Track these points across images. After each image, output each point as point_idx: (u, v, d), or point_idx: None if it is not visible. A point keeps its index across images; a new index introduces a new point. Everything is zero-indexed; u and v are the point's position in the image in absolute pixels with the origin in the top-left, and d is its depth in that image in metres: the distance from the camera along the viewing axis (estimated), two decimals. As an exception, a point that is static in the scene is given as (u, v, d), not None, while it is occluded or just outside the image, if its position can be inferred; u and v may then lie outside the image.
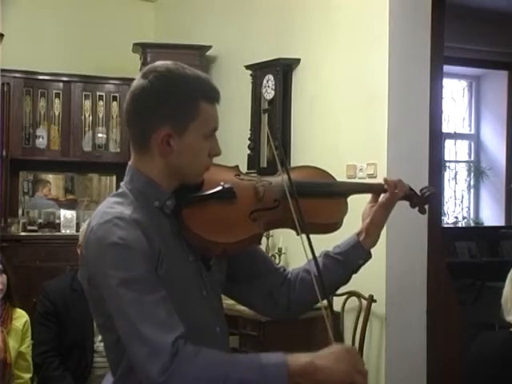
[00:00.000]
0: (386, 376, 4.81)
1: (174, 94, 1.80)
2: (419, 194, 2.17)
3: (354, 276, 2.12)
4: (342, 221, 2.04)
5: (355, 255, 2.05)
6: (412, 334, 4.87)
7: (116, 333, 1.73)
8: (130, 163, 1.89)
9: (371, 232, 2.06)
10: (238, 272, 2.02)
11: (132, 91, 1.84)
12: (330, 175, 2.13)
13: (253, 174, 2.02)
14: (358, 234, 2.06)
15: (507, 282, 2.73)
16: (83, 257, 1.81)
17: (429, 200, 2.17)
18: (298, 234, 1.92)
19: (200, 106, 1.81)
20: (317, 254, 1.93)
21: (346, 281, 2.08)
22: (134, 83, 1.85)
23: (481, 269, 7.05)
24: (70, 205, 6.92)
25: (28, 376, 3.88)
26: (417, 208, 2.19)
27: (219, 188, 1.88)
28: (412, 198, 2.17)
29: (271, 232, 5.11)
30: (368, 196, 2.17)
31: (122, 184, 1.89)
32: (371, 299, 4.71)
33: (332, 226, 2.02)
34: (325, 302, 1.90)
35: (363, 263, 2.06)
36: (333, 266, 2.03)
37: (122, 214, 1.76)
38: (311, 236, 1.86)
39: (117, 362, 1.81)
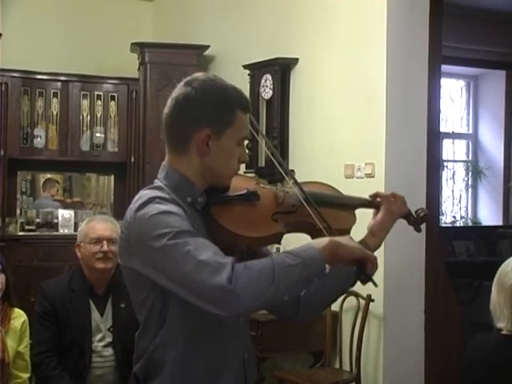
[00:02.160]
0: (384, 376, 4.82)
1: (215, 100, 2.00)
2: (414, 215, 2.36)
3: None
4: (350, 229, 2.20)
5: None
6: (410, 333, 4.88)
7: (159, 305, 1.94)
8: (164, 162, 2.06)
9: (376, 233, 2.22)
10: None
11: (175, 97, 2.02)
12: (338, 191, 2.32)
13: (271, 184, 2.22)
14: (364, 238, 2.22)
15: (493, 288, 2.74)
16: (125, 238, 1.96)
17: (423, 220, 2.36)
18: (312, 238, 2.09)
19: (236, 114, 2.01)
20: None
21: (353, 283, 2.18)
22: (177, 91, 2.03)
23: (479, 268, 7.05)
24: (77, 206, 6.92)
25: (26, 376, 3.85)
26: (413, 227, 2.37)
27: (245, 191, 2.07)
28: (409, 217, 2.34)
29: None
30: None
31: (156, 180, 2.05)
32: (369, 299, 4.72)
33: (342, 232, 2.12)
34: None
35: None
36: (340, 266, 2.11)
37: (161, 195, 1.95)
38: None
39: (154, 335, 1.97)
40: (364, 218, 2.29)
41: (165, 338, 1.97)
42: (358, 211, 2.27)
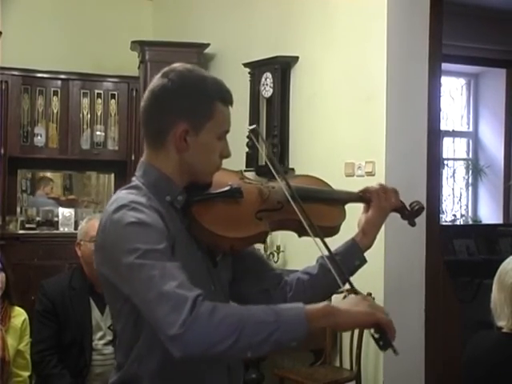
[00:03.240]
0: (385, 374, 4.82)
1: (193, 92, 1.90)
2: (409, 208, 2.24)
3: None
4: (340, 226, 2.11)
5: (352, 255, 2.10)
6: (410, 331, 4.85)
7: (133, 316, 1.81)
8: (142, 159, 1.97)
9: (367, 231, 2.13)
10: (237, 270, 2.07)
11: (151, 90, 1.92)
12: (328, 184, 2.22)
13: (256, 178, 2.09)
14: (355, 237, 2.14)
15: (494, 286, 2.73)
16: (99, 242, 1.87)
17: (418, 214, 2.24)
18: (299, 236, 2.04)
19: (217, 107, 1.91)
20: (313, 261, 2.04)
21: (343, 282, 2.02)
22: (153, 82, 1.93)
23: (479, 267, 7.04)
24: (70, 204, 6.93)
25: (26, 374, 3.86)
26: (407, 221, 2.25)
27: (227, 188, 1.95)
28: (403, 210, 2.23)
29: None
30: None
31: (133, 178, 1.96)
32: (371, 298, 4.71)
33: (331, 230, 2.08)
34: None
35: (359, 265, 2.12)
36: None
37: (138, 199, 1.83)
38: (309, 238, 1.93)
39: (130, 346, 1.87)
40: (354, 213, 2.21)
41: (140, 352, 1.86)
42: (348, 206, 2.18)
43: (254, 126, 2.14)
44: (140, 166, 1.97)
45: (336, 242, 2.10)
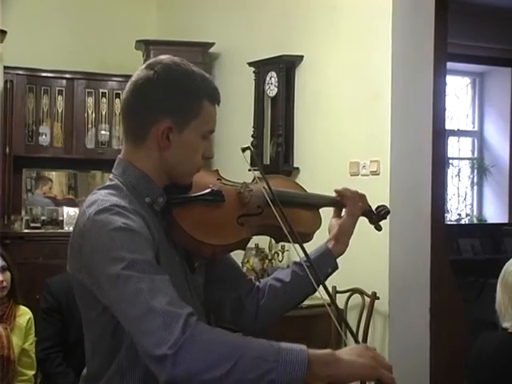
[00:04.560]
0: (390, 373, 4.81)
1: (179, 87, 1.78)
2: (375, 212, 2.20)
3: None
4: (314, 232, 2.06)
5: (324, 262, 2.04)
6: (415, 331, 4.87)
7: (111, 325, 1.69)
8: (120, 155, 1.85)
9: (340, 238, 2.07)
10: (210, 275, 2.00)
11: (134, 81, 1.80)
12: (302, 187, 2.15)
13: (232, 180, 2.02)
14: (327, 243, 2.08)
15: (498, 287, 2.75)
16: (76, 246, 1.72)
17: (384, 217, 2.20)
18: (277, 242, 2.02)
19: (203, 105, 1.79)
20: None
21: (315, 290, 1.98)
22: (137, 73, 1.81)
23: (484, 266, 7.03)
24: (68, 203, 6.94)
25: (32, 373, 3.88)
26: (374, 225, 2.22)
27: (209, 190, 1.87)
28: (370, 215, 2.19)
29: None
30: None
31: (112, 176, 1.83)
32: (374, 296, 4.71)
33: (307, 236, 2.02)
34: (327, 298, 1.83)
35: (331, 272, 2.07)
36: (302, 272, 2.00)
37: (120, 203, 1.70)
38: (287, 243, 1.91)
39: (110, 356, 1.74)
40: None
41: (122, 365, 1.72)
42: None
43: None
44: (118, 163, 1.84)
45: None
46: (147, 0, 7.43)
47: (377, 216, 2.19)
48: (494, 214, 8.93)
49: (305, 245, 1.91)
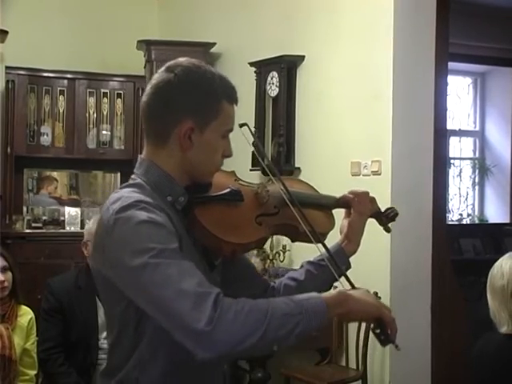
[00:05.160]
0: (391, 373, 4.82)
1: (200, 89, 1.83)
2: (385, 214, 2.26)
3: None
4: (328, 232, 2.11)
5: (338, 261, 2.05)
6: (416, 330, 4.86)
7: (134, 319, 1.75)
8: (142, 156, 1.91)
9: (352, 238, 2.12)
10: (226, 273, 2.02)
11: (155, 84, 1.85)
12: (314, 188, 2.19)
13: (248, 181, 2.07)
14: (340, 243, 2.13)
15: (488, 296, 2.77)
16: (100, 242, 1.78)
17: (392, 219, 2.26)
18: (292, 241, 2.05)
19: (223, 105, 1.85)
20: (298, 266, 2.04)
21: (328, 288, 2.06)
22: (157, 76, 1.86)
23: (485, 266, 7.02)
24: (73, 203, 6.94)
25: (33, 373, 3.88)
26: (383, 227, 2.27)
27: (228, 190, 1.92)
28: (380, 216, 2.25)
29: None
30: None
31: (134, 176, 1.90)
32: (376, 296, 4.71)
33: (322, 236, 2.05)
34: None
35: (345, 270, 2.08)
36: (316, 271, 2.08)
37: (145, 199, 1.76)
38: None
39: (131, 350, 1.79)
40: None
41: (142, 357, 1.78)
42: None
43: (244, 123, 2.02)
44: (140, 163, 1.90)
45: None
46: (149, 0, 7.43)
47: (386, 218, 2.24)
48: (495, 214, 8.93)
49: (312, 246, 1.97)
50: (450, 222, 8.18)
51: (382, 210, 2.25)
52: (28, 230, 6.57)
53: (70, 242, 5.97)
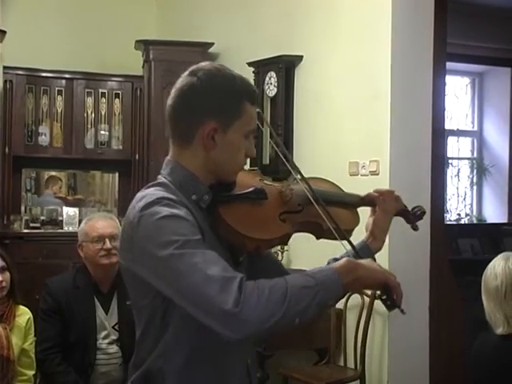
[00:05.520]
0: (389, 373, 4.84)
1: (222, 91, 1.90)
2: (411, 212, 2.34)
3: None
4: (353, 230, 2.16)
5: (363, 257, 2.10)
6: (415, 330, 4.89)
7: (161, 310, 1.83)
8: (168, 157, 1.98)
9: (377, 235, 2.19)
10: (252, 270, 2.06)
11: (179, 88, 1.92)
12: (339, 187, 2.26)
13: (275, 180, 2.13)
14: (366, 240, 2.20)
15: (483, 297, 2.82)
16: (127, 238, 1.86)
17: (420, 218, 2.35)
18: (317, 238, 2.10)
19: (245, 106, 1.92)
20: (324, 262, 2.07)
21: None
22: (181, 80, 1.94)
23: (483, 266, 7.03)
24: (77, 204, 6.94)
25: (31, 373, 3.85)
26: (410, 224, 2.35)
27: (252, 189, 1.98)
28: (406, 214, 2.33)
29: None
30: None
31: (160, 176, 1.97)
32: (374, 296, 4.72)
33: (347, 233, 2.10)
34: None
35: None
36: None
37: (168, 195, 1.84)
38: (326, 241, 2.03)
39: (156, 340, 1.87)
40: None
41: (167, 346, 1.86)
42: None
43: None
44: (166, 164, 1.98)
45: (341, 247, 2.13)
46: (147, 0, 7.44)
47: (413, 216, 2.33)
48: (493, 213, 8.95)
49: (337, 244, 2.06)
50: (448, 222, 8.19)
51: (409, 208, 2.32)
52: (26, 230, 6.57)
53: (68, 242, 5.92)
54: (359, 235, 2.21)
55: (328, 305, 1.82)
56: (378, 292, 1.88)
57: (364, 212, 2.24)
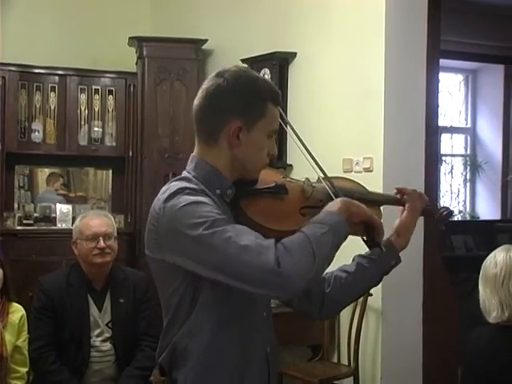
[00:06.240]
0: (382, 369, 4.87)
1: (247, 92, 2.00)
2: (438, 213, 2.38)
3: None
4: None
5: (388, 254, 2.19)
6: (408, 327, 4.93)
7: (191, 291, 1.94)
8: (194, 153, 2.07)
9: (401, 233, 2.23)
10: None
11: (206, 88, 2.02)
12: (363, 186, 2.33)
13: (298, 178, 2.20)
14: (390, 237, 2.23)
15: (480, 285, 2.86)
16: (153, 229, 1.95)
17: (447, 218, 2.38)
18: None
19: (268, 107, 2.02)
20: (341, 256, 2.10)
21: (377, 282, 2.22)
22: (208, 81, 2.03)
23: (477, 262, 7.05)
24: (80, 201, 6.94)
25: (24, 370, 3.87)
26: (435, 225, 2.43)
27: (273, 184, 2.07)
28: (432, 215, 2.39)
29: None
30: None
31: (184, 172, 2.06)
32: (367, 293, 4.72)
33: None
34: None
35: (395, 265, 2.22)
36: (366, 264, 2.19)
37: (191, 186, 1.95)
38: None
39: (183, 322, 1.97)
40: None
41: (191, 326, 1.97)
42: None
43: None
44: (191, 159, 2.06)
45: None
46: (140, -4, 7.45)
47: (439, 216, 2.36)
48: (486, 210, 9.02)
49: (358, 244, 2.15)
50: (442, 219, 8.22)
51: (437, 208, 2.38)
52: (19, 227, 6.56)
53: (62, 239, 5.94)
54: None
55: (341, 243, 1.93)
56: (364, 237, 2.05)
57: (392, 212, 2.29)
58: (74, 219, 6.46)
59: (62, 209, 6.71)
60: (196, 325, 1.96)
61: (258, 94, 2.01)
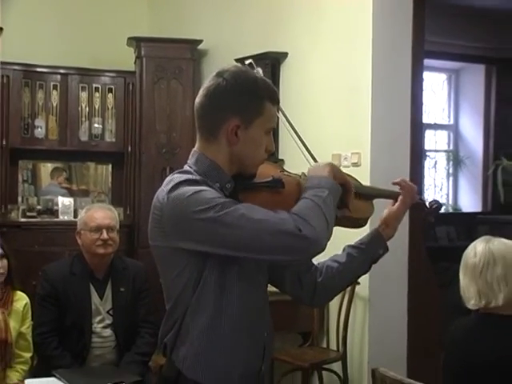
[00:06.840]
0: (369, 354, 4.93)
1: (245, 91, 2.04)
2: (428, 205, 2.45)
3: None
4: (367, 219, 2.29)
5: (376, 244, 2.29)
6: (394, 314, 4.99)
7: (195, 274, 1.99)
8: (195, 148, 2.12)
9: (390, 223, 2.30)
10: None
11: (207, 87, 2.06)
12: (357, 180, 2.35)
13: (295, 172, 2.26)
14: (378, 228, 2.32)
15: (460, 274, 2.89)
16: (157, 219, 2.01)
17: (436, 211, 2.46)
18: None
19: (265, 105, 2.06)
20: (337, 247, 2.26)
21: (366, 270, 2.31)
22: (209, 81, 2.08)
23: (458, 252, 7.12)
24: (83, 194, 6.95)
25: (28, 355, 3.94)
26: (426, 217, 2.48)
27: (270, 178, 2.09)
28: (422, 207, 2.44)
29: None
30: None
31: (185, 166, 2.10)
32: (355, 282, 4.84)
33: (360, 221, 2.27)
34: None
35: (383, 253, 2.31)
36: (356, 253, 2.28)
37: (193, 178, 2.00)
38: (340, 229, 2.18)
39: (184, 310, 2.03)
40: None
41: (195, 307, 2.01)
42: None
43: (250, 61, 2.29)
44: (193, 154, 2.11)
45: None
46: (138, -2, 7.47)
47: (429, 209, 2.44)
48: (468, 203, 9.06)
49: (359, 230, 2.27)
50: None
51: (427, 201, 2.44)
52: (23, 219, 6.56)
53: (64, 231, 6.02)
54: (361, 231, 2.33)
55: (337, 202, 2.05)
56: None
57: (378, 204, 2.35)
58: (75, 212, 6.52)
59: (64, 201, 6.72)
60: (199, 305, 2.00)
61: (256, 92, 2.03)
